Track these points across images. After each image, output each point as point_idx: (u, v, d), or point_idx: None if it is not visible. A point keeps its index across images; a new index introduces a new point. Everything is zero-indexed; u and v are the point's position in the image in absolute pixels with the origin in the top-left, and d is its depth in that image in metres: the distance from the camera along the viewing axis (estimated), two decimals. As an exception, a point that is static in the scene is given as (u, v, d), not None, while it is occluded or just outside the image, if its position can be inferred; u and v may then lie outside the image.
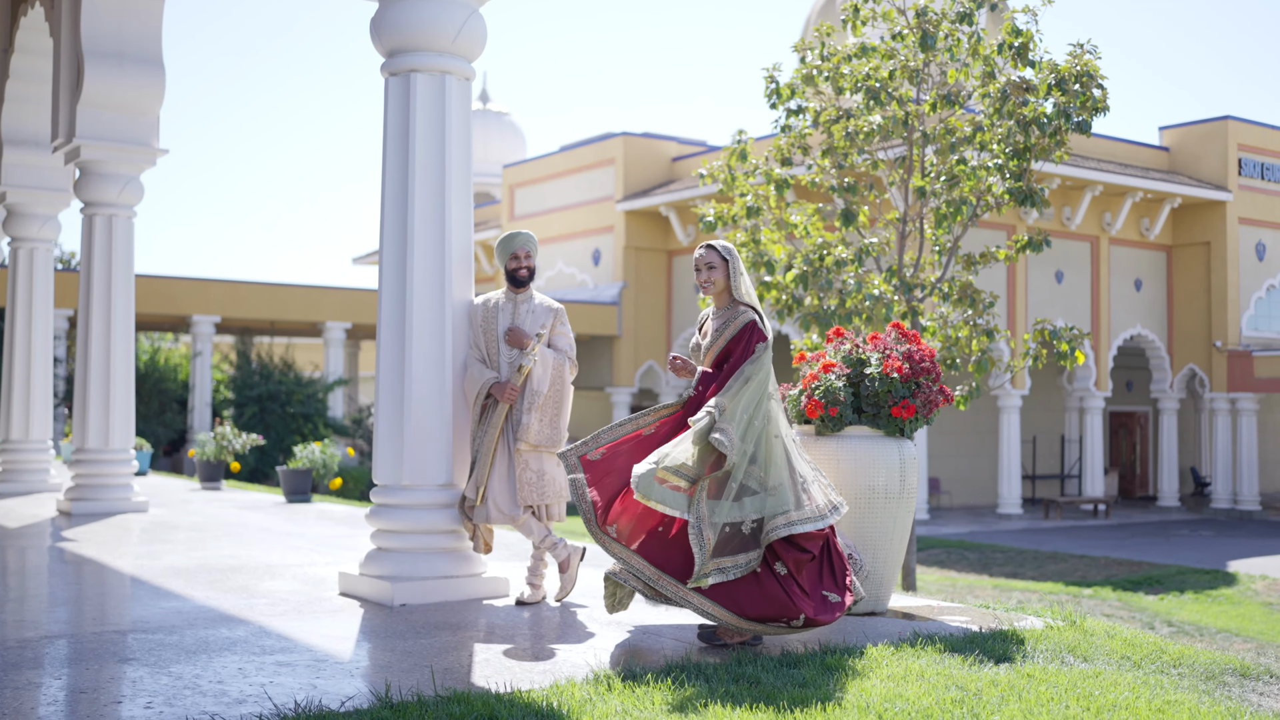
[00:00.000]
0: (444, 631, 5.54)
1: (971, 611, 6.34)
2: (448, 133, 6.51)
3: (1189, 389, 32.20)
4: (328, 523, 10.87)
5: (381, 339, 6.51)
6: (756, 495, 5.12)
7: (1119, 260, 28.83)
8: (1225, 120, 29.06)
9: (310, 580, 7.12)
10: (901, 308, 12.44)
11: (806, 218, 13.16)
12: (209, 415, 26.21)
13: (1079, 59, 11.77)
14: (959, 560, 20.32)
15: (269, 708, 4.14)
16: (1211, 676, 5.21)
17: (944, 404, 6.25)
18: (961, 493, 29.06)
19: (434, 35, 6.43)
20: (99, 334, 10.99)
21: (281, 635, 5.42)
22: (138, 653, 5.02)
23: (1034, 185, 12.22)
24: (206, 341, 26.59)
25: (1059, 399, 31.49)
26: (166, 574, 7.29)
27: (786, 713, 4.13)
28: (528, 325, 6.38)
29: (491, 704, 4.15)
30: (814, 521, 5.11)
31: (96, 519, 10.45)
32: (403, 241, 6.47)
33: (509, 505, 6.22)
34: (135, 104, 10.82)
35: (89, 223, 11.07)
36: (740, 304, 5.54)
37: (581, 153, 32.97)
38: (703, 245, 5.60)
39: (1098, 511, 28.08)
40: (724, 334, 5.48)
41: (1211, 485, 30.01)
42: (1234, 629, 15.12)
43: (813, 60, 13.10)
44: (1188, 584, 18.30)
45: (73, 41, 10.79)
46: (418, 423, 6.37)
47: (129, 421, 11.18)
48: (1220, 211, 28.87)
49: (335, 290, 28.55)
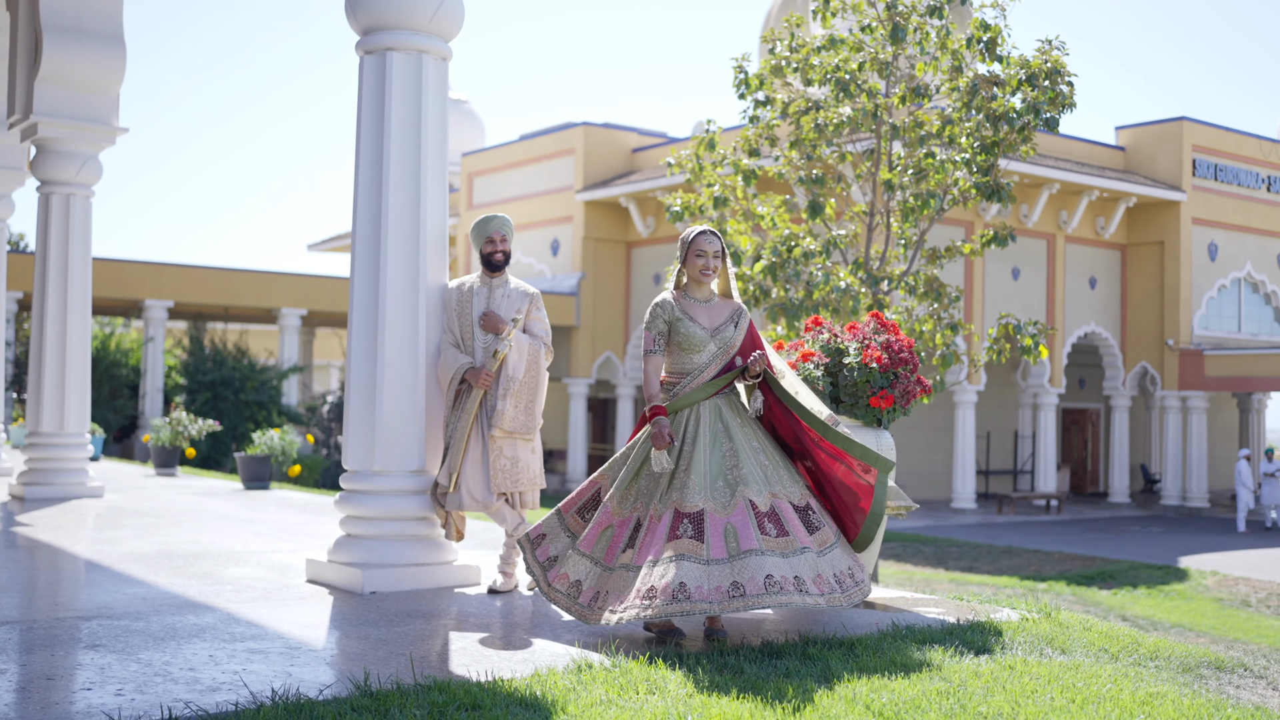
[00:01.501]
0: (416, 620, 5.45)
1: (946, 603, 6.32)
2: (424, 114, 6.40)
3: (1141, 387, 32.55)
4: (288, 509, 10.72)
5: (353, 322, 6.40)
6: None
7: (1074, 258, 29.08)
8: (1180, 121, 29.37)
9: (276, 567, 7.00)
10: (868, 300, 12.44)
11: (773, 209, 13.14)
12: (161, 401, 25.84)
13: (1047, 54, 11.81)
14: (915, 554, 20.42)
15: (245, 695, 4.04)
16: (1188, 669, 5.22)
17: (921, 395, 6.23)
18: (916, 487, 29.20)
19: (411, 13, 6.31)
20: (54, 316, 10.77)
21: (251, 622, 5.31)
22: (104, 639, 4.89)
23: (1000, 180, 12.26)
24: (159, 326, 26.21)
25: (1013, 395, 31.73)
26: (127, 559, 7.14)
27: (772, 703, 4.08)
28: (503, 310, 6.29)
29: (474, 692, 4.07)
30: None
31: (51, 504, 10.24)
32: (376, 223, 6.36)
33: (482, 492, 6.14)
34: (95, 81, 10.60)
35: (45, 202, 10.84)
36: (730, 298, 5.51)
37: (541, 142, 32.81)
38: (708, 231, 5.41)
39: (1050, 507, 28.32)
40: (740, 328, 5.43)
41: (1161, 482, 30.35)
42: (1187, 624, 15.29)
43: (781, 51, 13.07)
44: (1140, 579, 18.50)
45: (31, 15, 10.55)
46: (390, 408, 6.26)
47: (84, 405, 10.97)
48: (1174, 211, 29.17)
49: (291, 276, 28.21)
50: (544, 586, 5.27)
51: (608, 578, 5.10)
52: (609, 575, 5.11)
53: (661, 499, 5.09)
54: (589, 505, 5.41)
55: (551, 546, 5.36)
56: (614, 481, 5.33)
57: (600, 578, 5.13)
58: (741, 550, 4.87)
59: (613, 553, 5.16)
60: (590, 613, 5.04)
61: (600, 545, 5.21)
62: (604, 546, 5.20)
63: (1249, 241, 30.81)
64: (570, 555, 5.26)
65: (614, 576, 5.08)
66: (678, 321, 5.33)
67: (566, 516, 5.41)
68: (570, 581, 5.19)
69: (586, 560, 5.21)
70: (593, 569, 5.17)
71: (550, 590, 5.24)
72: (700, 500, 5.00)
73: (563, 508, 5.44)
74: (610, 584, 5.07)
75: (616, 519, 5.22)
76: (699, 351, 5.34)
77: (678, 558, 4.86)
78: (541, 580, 5.29)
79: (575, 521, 5.38)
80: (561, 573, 5.24)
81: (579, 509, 5.41)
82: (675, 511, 5.01)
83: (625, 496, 5.24)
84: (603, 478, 5.42)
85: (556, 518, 5.42)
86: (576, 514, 5.40)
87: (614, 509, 5.24)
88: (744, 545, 4.89)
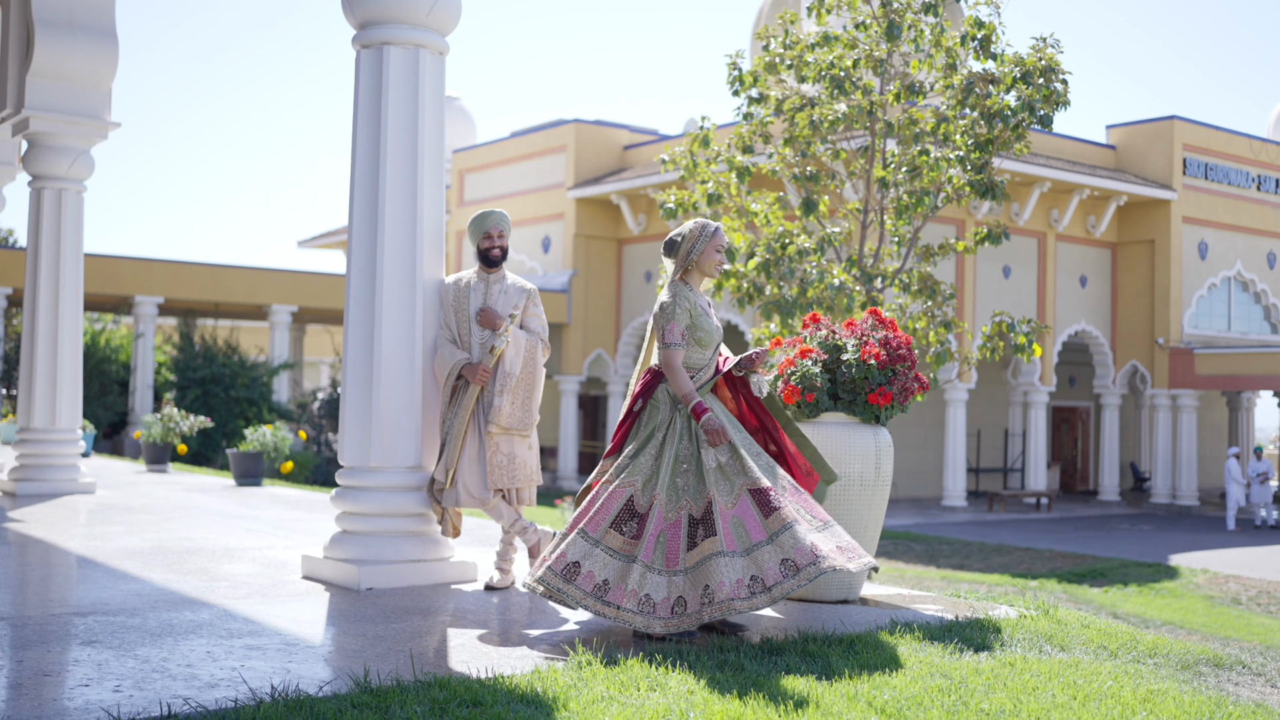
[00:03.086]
0: (414, 616, 5.42)
1: (944, 600, 6.32)
2: (421, 108, 6.37)
3: (1131, 385, 32.62)
4: (281, 506, 10.68)
5: (350, 318, 6.37)
6: None
7: (1065, 257, 29.12)
8: (1171, 120, 29.42)
9: (271, 563, 6.97)
10: (862, 298, 12.44)
11: (767, 206, 13.12)
12: (151, 398, 25.76)
13: (1042, 52, 11.82)
14: (906, 552, 20.43)
15: (244, 692, 4.01)
16: (1187, 666, 5.22)
17: (919, 392, 6.22)
18: (907, 485, 29.23)
19: (409, 7, 6.28)
20: (46, 311, 10.72)
21: (247, 618, 5.29)
22: (100, 635, 4.86)
23: (994, 178, 12.26)
24: (149, 323, 26.12)
25: (1003, 393, 31.78)
26: (121, 555, 7.11)
27: (774, 700, 4.07)
28: (500, 306, 6.26)
29: (474, 689, 4.05)
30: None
31: (42, 500, 10.20)
32: (373, 218, 6.33)
33: (479, 488, 6.11)
34: (87, 75, 10.55)
35: (37, 196, 10.79)
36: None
37: (533, 139, 32.76)
38: (720, 228, 5.46)
39: (1040, 505, 28.37)
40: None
41: (1151, 480, 30.42)
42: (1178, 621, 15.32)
43: (775, 48, 13.05)
44: (1131, 577, 18.53)
45: (22, 9, 10.50)
46: (386, 403, 6.24)
47: (76, 401, 10.93)
48: (1165, 210, 29.23)
49: (281, 273, 28.13)
50: (607, 610, 4.87)
51: (690, 578, 4.87)
52: (691, 574, 4.88)
53: (718, 485, 4.99)
54: (624, 518, 5.03)
55: (598, 572, 4.94)
56: (651, 486, 5.06)
57: (686, 582, 4.87)
58: (754, 542, 4.94)
59: (675, 555, 4.92)
60: (698, 616, 4.79)
61: (658, 552, 4.95)
62: (661, 553, 4.95)
63: (1239, 240, 30.89)
64: (638, 572, 4.89)
65: (700, 571, 4.85)
66: (700, 315, 5.29)
67: (596, 534, 5.00)
68: (641, 598, 4.86)
69: (663, 575, 4.91)
70: (673, 579, 4.90)
71: (619, 612, 4.85)
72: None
73: (588, 527, 5.02)
74: (696, 581, 4.85)
75: (668, 522, 5.01)
76: (708, 348, 5.32)
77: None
78: (599, 606, 4.89)
79: (614, 537, 4.99)
80: (629, 590, 4.87)
81: (613, 524, 5.01)
82: (749, 491, 4.98)
83: (670, 498, 5.04)
84: (629, 485, 5.08)
85: (585, 540, 5.00)
86: (613, 530, 5.00)
87: (665, 513, 5.01)
88: (754, 538, 4.94)
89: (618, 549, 4.97)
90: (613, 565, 4.95)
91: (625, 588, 4.88)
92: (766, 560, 4.84)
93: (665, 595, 4.87)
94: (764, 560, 4.84)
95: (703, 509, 4.98)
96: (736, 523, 4.93)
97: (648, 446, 5.17)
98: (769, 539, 4.88)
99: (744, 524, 4.93)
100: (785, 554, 4.83)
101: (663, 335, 5.23)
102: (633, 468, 5.12)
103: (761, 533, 4.90)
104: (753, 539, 4.90)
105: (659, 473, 5.08)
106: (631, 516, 5.03)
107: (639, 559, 4.91)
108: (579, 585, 4.92)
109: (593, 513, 5.06)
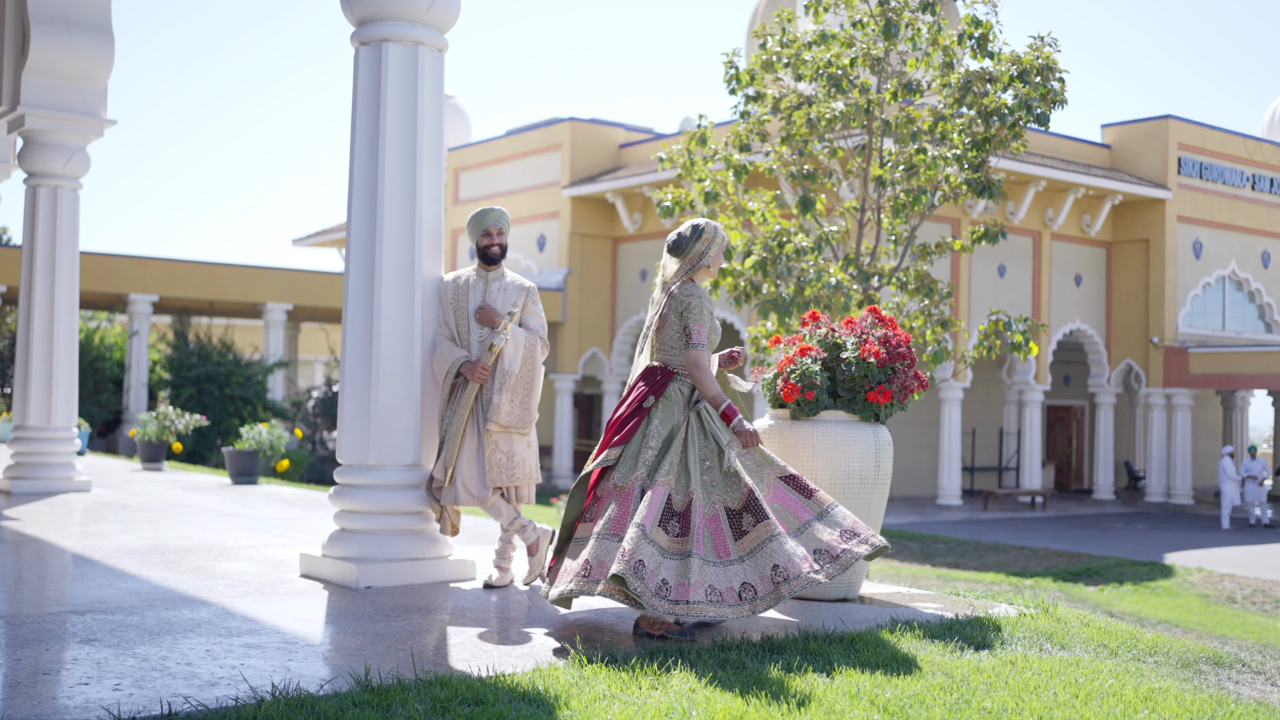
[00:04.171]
0: (413, 614, 5.41)
1: (943, 598, 6.32)
2: (420, 105, 6.36)
3: (1125, 384, 32.65)
4: (278, 504, 10.66)
5: (348, 315, 6.36)
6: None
7: (1060, 256, 29.14)
8: (1166, 119, 29.45)
9: (269, 562, 6.95)
10: (859, 296, 12.44)
11: (764, 205, 13.12)
12: (145, 396, 25.70)
13: (1039, 51, 11.82)
14: (901, 550, 20.43)
15: (245, 690, 4.00)
16: (1187, 664, 5.22)
17: (918, 390, 6.22)
18: (902, 484, 29.24)
19: (407, 4, 6.27)
20: (41, 309, 10.70)
21: (246, 617, 5.27)
22: (98, 634, 4.84)
23: (991, 176, 12.27)
24: (144, 321, 26.06)
25: (998, 392, 31.80)
26: (118, 554, 7.09)
27: (776, 699, 4.06)
28: (499, 304, 6.25)
29: (475, 687, 4.04)
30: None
31: (38, 498, 10.17)
32: (372, 216, 6.31)
33: (478, 486, 6.10)
34: (83, 72, 10.53)
35: (33, 194, 10.76)
36: None
37: (528, 137, 32.73)
38: (722, 230, 5.48)
39: (1035, 504, 28.39)
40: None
41: (1145, 479, 30.45)
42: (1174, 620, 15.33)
43: (772, 46, 13.04)
44: (1126, 575, 18.54)
45: (18, 6, 10.47)
46: (385, 401, 6.22)
47: (72, 399, 10.90)
48: (1159, 209, 29.26)
49: (276, 271, 28.08)
50: (676, 608, 4.79)
51: (751, 564, 4.91)
52: (750, 560, 4.92)
53: (752, 477, 5.17)
54: (667, 516, 4.99)
55: (658, 571, 4.86)
56: (684, 484, 5.05)
57: (746, 569, 4.91)
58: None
59: (724, 547, 4.96)
60: (776, 595, 4.83)
61: (707, 545, 4.95)
62: (710, 546, 4.96)
63: (1234, 239, 30.93)
64: (697, 565, 4.86)
65: (761, 555, 4.90)
66: (711, 316, 5.34)
67: (651, 532, 4.91)
68: (706, 588, 4.83)
69: (719, 566, 4.92)
70: (729, 569, 4.92)
71: (689, 607, 4.78)
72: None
73: (644, 524, 4.90)
74: (759, 564, 4.90)
75: (706, 517, 5.02)
76: (714, 349, 5.36)
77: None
78: (667, 605, 4.79)
79: (661, 535, 4.93)
80: (693, 583, 4.81)
81: (660, 522, 4.95)
82: (779, 479, 5.22)
83: (705, 495, 5.06)
84: (665, 484, 5.02)
85: (648, 543, 4.90)
86: (661, 529, 4.94)
87: (704, 509, 5.02)
88: (802, 518, 5.22)
89: (665, 547, 4.94)
90: (668, 564, 4.89)
91: (688, 582, 4.83)
92: (824, 534, 5.07)
93: (729, 584, 4.90)
94: (821, 534, 5.07)
95: (740, 500, 5.07)
96: (778, 509, 5.13)
97: (672, 446, 5.14)
98: (817, 516, 5.14)
99: (786, 508, 5.15)
100: (843, 526, 5.11)
101: (690, 335, 5.22)
102: (664, 466, 5.08)
103: (808, 512, 5.15)
104: (801, 519, 5.13)
105: (689, 471, 5.10)
106: (672, 515, 5.01)
107: (694, 553, 4.90)
108: (646, 583, 4.80)
109: (643, 510, 4.95)
